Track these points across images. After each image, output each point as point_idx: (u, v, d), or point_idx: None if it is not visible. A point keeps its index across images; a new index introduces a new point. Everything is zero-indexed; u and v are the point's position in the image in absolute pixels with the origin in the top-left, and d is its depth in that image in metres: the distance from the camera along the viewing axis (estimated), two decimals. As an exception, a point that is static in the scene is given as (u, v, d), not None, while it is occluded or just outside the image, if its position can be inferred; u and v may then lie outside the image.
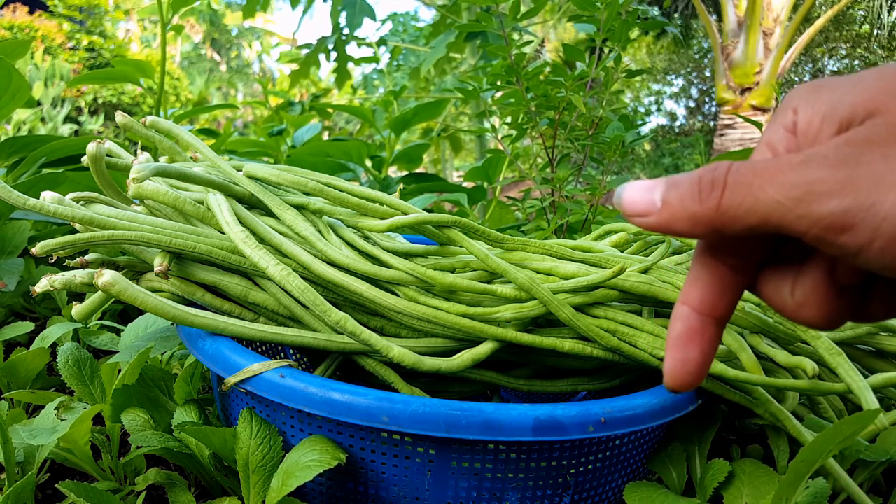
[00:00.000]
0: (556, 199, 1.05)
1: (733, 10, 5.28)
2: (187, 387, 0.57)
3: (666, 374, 0.29)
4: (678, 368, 0.28)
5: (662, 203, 0.25)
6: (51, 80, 5.20)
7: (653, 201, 0.26)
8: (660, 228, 0.26)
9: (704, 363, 0.29)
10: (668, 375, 0.29)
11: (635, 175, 7.27)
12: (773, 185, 0.23)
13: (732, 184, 0.24)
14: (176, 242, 0.52)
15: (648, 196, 0.26)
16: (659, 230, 0.26)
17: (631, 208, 0.26)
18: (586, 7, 0.96)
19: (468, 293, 0.54)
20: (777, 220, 0.23)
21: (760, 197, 0.23)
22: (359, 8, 2.38)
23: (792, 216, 0.22)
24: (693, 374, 0.28)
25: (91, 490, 0.45)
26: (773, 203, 0.23)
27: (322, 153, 1.46)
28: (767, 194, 0.23)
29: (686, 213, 0.25)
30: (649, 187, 0.26)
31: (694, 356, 0.28)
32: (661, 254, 0.55)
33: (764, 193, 0.23)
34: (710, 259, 0.28)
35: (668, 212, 0.25)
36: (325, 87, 5.56)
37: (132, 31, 10.95)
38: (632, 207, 0.26)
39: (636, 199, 0.26)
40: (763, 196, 0.23)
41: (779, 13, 5.22)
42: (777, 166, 0.23)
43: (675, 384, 0.29)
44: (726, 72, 5.36)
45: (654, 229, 0.26)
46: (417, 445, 0.45)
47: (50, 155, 1.09)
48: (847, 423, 0.38)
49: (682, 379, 0.28)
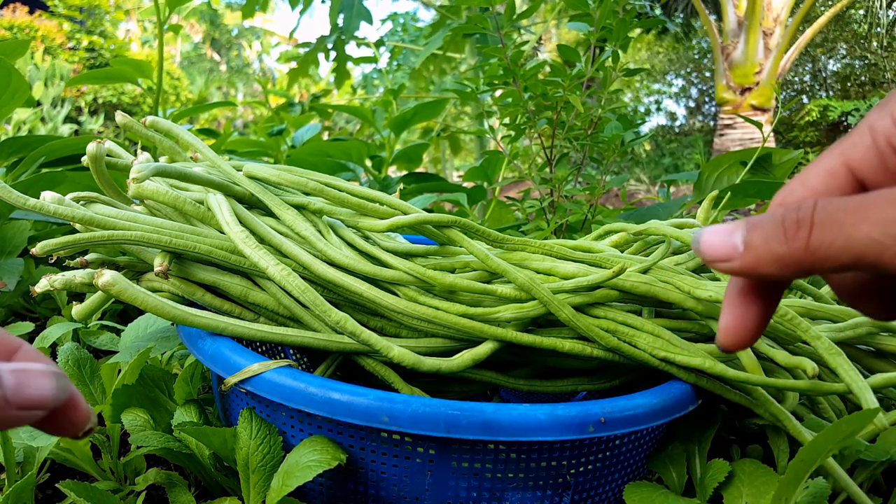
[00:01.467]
0: (555, 199, 1.05)
1: (733, 10, 5.28)
2: (187, 387, 0.57)
3: (721, 332, 0.28)
4: (736, 325, 0.27)
5: (745, 246, 0.24)
6: (51, 80, 5.20)
7: (734, 245, 0.25)
8: (745, 273, 0.25)
9: (764, 320, 0.27)
10: (724, 333, 0.27)
11: (635, 175, 7.26)
12: (868, 223, 0.21)
13: (821, 222, 0.22)
14: (176, 242, 0.52)
15: (728, 240, 0.25)
16: (744, 275, 0.25)
17: (711, 254, 0.25)
18: (578, 5, 0.96)
19: (468, 293, 0.54)
20: (873, 258, 0.22)
21: (854, 235, 0.22)
22: (356, 11, 2.38)
23: (889, 254, 0.21)
24: (751, 331, 0.27)
25: (91, 490, 0.45)
26: (868, 241, 0.21)
27: (322, 153, 1.46)
28: (862, 232, 0.22)
29: (772, 255, 0.24)
30: (728, 231, 0.25)
31: (753, 313, 0.27)
32: (661, 254, 0.55)
33: (858, 232, 0.22)
34: None
35: (752, 255, 0.24)
36: (324, 87, 5.57)
37: (132, 31, 10.94)
38: (712, 253, 0.25)
39: (716, 244, 0.25)
40: (857, 234, 0.22)
41: (779, 13, 5.21)
42: (872, 202, 0.22)
43: (729, 342, 0.27)
44: (726, 72, 5.35)
45: (739, 274, 0.25)
46: (417, 445, 0.45)
47: (49, 155, 1.09)
48: (846, 422, 0.38)
49: (738, 337, 0.27)
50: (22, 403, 0.21)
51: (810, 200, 0.23)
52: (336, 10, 2.43)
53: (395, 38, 3.94)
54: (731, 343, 0.27)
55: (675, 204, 1.09)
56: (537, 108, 1.02)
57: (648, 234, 0.60)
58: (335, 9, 2.44)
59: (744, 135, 5.36)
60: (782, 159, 1.11)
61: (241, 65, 14.42)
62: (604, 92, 0.99)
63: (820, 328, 0.55)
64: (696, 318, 0.55)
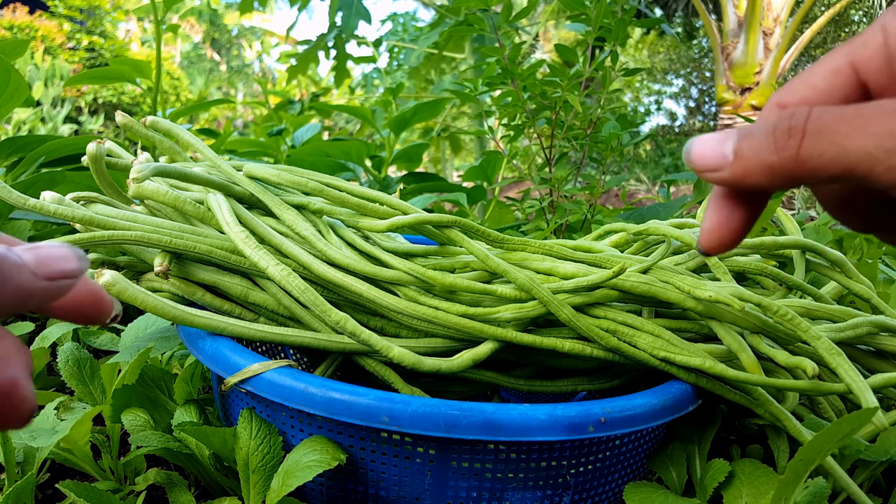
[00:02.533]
0: (554, 199, 1.05)
1: (733, 9, 5.28)
2: (187, 387, 0.57)
3: (702, 234, 0.27)
4: (719, 228, 0.26)
5: (735, 155, 0.24)
6: (51, 80, 5.20)
7: (724, 154, 0.24)
8: (734, 183, 0.24)
9: (747, 224, 0.26)
10: (705, 235, 0.27)
11: (635, 175, 7.26)
12: (861, 135, 0.21)
13: (813, 131, 0.22)
14: (176, 242, 0.52)
15: (719, 149, 0.24)
16: (733, 185, 0.24)
17: (701, 163, 0.25)
18: (574, 6, 0.96)
19: (468, 293, 0.54)
20: (864, 171, 0.21)
21: (846, 146, 0.21)
22: (355, 10, 2.38)
23: (881, 168, 0.20)
24: (734, 234, 0.26)
25: (91, 490, 0.45)
26: (860, 153, 0.21)
27: (322, 153, 1.46)
28: (854, 144, 0.21)
29: (762, 164, 0.23)
30: (720, 139, 0.24)
31: (737, 217, 0.26)
32: (661, 254, 0.55)
33: (850, 143, 0.21)
34: None
35: (741, 164, 0.23)
36: (324, 86, 5.57)
37: (132, 31, 10.94)
38: (702, 162, 0.24)
39: (706, 153, 0.24)
40: (849, 145, 0.21)
41: (779, 13, 5.21)
42: (869, 113, 0.21)
43: (710, 244, 0.27)
44: (726, 72, 5.35)
45: (728, 184, 0.24)
46: (417, 445, 0.45)
47: (49, 154, 1.09)
48: (845, 421, 0.38)
49: (719, 240, 0.26)
50: (48, 274, 0.21)
51: (804, 108, 0.22)
52: (335, 8, 2.43)
53: (394, 38, 3.94)
54: (712, 245, 0.27)
55: (675, 204, 1.09)
56: (536, 108, 1.02)
57: (648, 234, 0.60)
58: (334, 7, 2.44)
59: (744, 135, 5.35)
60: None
61: (241, 65, 14.41)
62: (603, 92, 0.99)
63: (820, 328, 0.55)
64: (696, 318, 0.55)
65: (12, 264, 0.20)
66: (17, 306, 0.20)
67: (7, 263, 0.20)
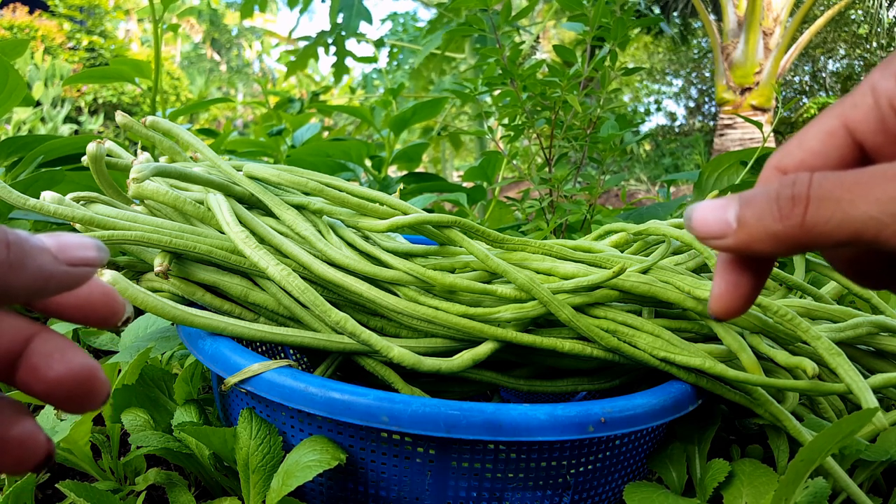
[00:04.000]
0: (554, 199, 1.05)
1: (733, 9, 5.28)
2: (187, 387, 0.57)
3: (713, 299, 0.27)
4: (728, 293, 0.26)
5: (739, 223, 0.23)
6: (51, 80, 5.20)
7: (727, 221, 0.24)
8: (739, 251, 0.24)
9: (756, 288, 0.26)
10: (715, 300, 0.27)
11: (635, 175, 7.26)
12: (866, 200, 0.21)
13: (817, 199, 0.22)
14: (176, 242, 0.52)
15: (722, 215, 0.24)
16: (738, 252, 0.24)
17: (704, 230, 0.24)
18: (572, 6, 0.96)
19: (468, 293, 0.54)
20: (871, 236, 0.21)
21: (851, 213, 0.21)
22: (356, 10, 2.38)
23: (889, 232, 0.20)
24: (743, 298, 0.26)
25: (91, 490, 0.45)
26: (866, 219, 0.21)
27: (322, 153, 1.46)
28: (860, 210, 0.21)
29: (767, 232, 0.23)
30: (721, 206, 0.24)
31: (745, 281, 0.26)
32: (661, 254, 0.55)
33: (855, 209, 0.21)
34: None
35: (745, 233, 0.23)
36: (324, 85, 5.57)
37: (132, 31, 10.94)
38: (705, 230, 0.24)
39: (709, 220, 0.24)
40: (854, 212, 0.21)
41: (779, 13, 5.21)
42: (871, 178, 0.21)
43: (721, 309, 0.26)
44: (726, 72, 5.35)
45: (733, 251, 0.24)
46: (417, 445, 0.45)
47: (48, 154, 1.09)
48: (846, 422, 0.38)
49: (729, 305, 0.26)
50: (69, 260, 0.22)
51: (805, 175, 0.22)
52: (336, 9, 2.43)
53: (394, 38, 3.94)
54: (722, 311, 0.27)
55: (675, 204, 1.09)
56: (536, 108, 1.02)
57: (648, 234, 0.60)
58: (335, 8, 2.44)
59: (744, 135, 5.36)
60: (782, 159, 1.11)
61: (241, 65, 14.41)
62: (602, 91, 0.99)
63: (820, 328, 0.55)
64: (696, 318, 0.55)
65: (35, 245, 0.20)
66: (36, 289, 0.21)
67: (29, 243, 0.20)
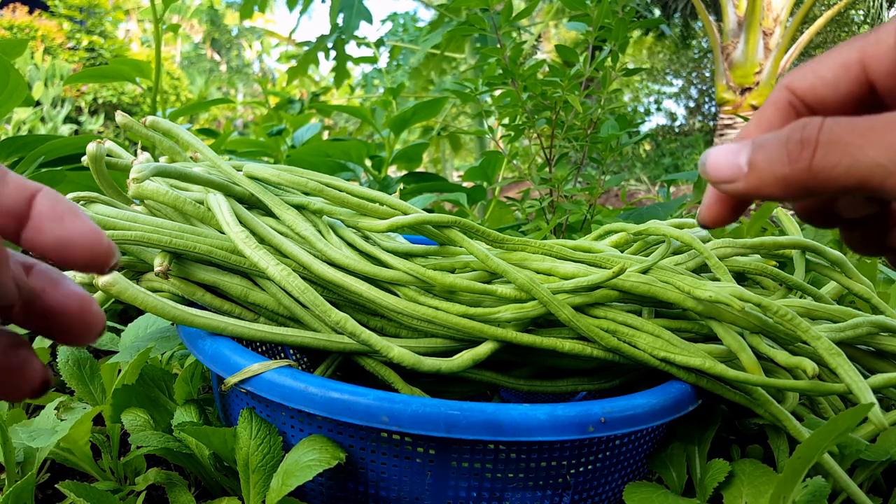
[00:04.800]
0: (554, 199, 1.05)
1: (733, 9, 5.28)
2: (187, 387, 0.57)
3: (703, 208, 0.28)
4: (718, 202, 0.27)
5: (749, 167, 0.24)
6: (51, 80, 5.20)
7: (739, 166, 0.24)
8: (749, 194, 0.24)
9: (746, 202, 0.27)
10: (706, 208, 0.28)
11: (635, 175, 7.25)
12: (875, 147, 0.21)
13: (826, 143, 0.22)
14: (176, 242, 0.52)
15: (734, 160, 0.24)
16: (749, 196, 0.25)
17: (716, 175, 0.25)
18: (576, 5, 0.96)
19: (468, 293, 0.54)
20: (877, 183, 0.21)
21: (859, 158, 0.21)
22: (356, 11, 2.38)
23: (894, 179, 0.20)
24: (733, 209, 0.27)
25: (91, 490, 0.45)
26: (873, 166, 0.21)
27: (322, 153, 1.45)
28: (868, 156, 0.21)
29: (775, 176, 0.23)
30: (734, 150, 0.25)
31: None
32: (661, 254, 0.55)
33: (864, 155, 0.21)
34: None
35: (755, 176, 0.24)
36: (324, 85, 5.57)
37: (132, 31, 10.94)
38: (717, 174, 0.25)
39: (721, 165, 0.25)
40: (863, 157, 0.21)
41: (779, 13, 5.21)
42: (883, 125, 0.21)
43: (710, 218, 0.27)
44: (726, 72, 5.35)
45: (744, 195, 0.25)
46: (417, 445, 0.45)
47: (48, 154, 1.09)
48: (842, 418, 0.38)
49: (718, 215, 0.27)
50: None
51: (817, 119, 0.23)
52: (336, 9, 2.43)
53: (395, 38, 3.94)
54: (711, 219, 0.28)
55: (675, 204, 1.09)
56: (536, 108, 1.02)
57: (648, 234, 0.60)
58: (335, 8, 2.44)
59: (744, 135, 5.35)
60: (782, 159, 1.11)
61: (241, 65, 14.41)
62: (603, 92, 0.99)
63: (820, 328, 0.55)
64: (696, 318, 0.55)
65: None
66: None
67: None
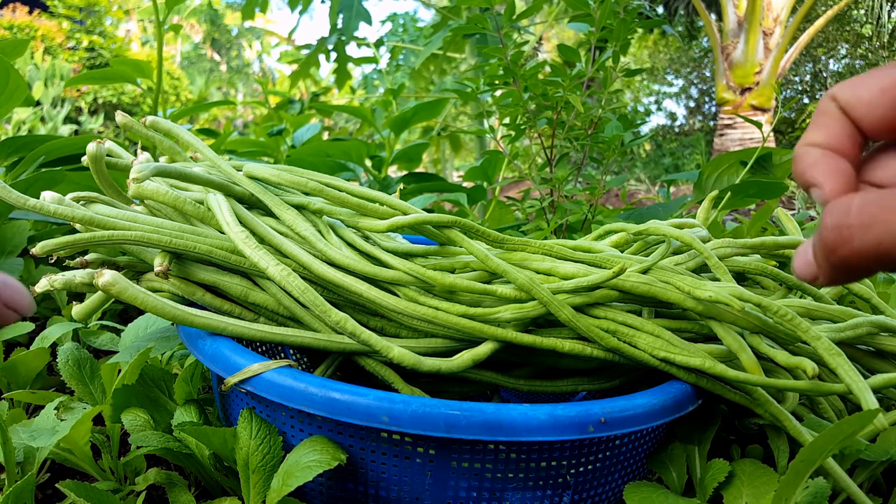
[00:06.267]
0: (555, 199, 1.05)
1: (733, 9, 5.28)
2: (187, 387, 0.57)
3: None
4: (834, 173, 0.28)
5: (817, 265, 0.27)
6: (51, 80, 5.20)
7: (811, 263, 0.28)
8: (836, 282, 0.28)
9: None
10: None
11: (635, 175, 7.25)
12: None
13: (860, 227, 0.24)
14: (176, 242, 0.52)
15: (806, 260, 0.28)
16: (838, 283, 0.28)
17: (803, 278, 0.29)
18: (579, 6, 0.96)
19: (468, 293, 0.54)
20: None
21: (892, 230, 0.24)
22: (355, 11, 2.38)
23: None
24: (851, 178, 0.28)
25: (91, 490, 0.45)
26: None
27: (322, 153, 1.46)
28: None
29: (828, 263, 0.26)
30: (804, 250, 0.28)
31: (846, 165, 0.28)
32: (661, 254, 0.55)
33: None
34: None
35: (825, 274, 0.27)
36: (324, 86, 5.57)
37: (132, 31, 10.94)
38: (803, 277, 0.29)
39: (802, 269, 0.28)
40: None
41: (779, 13, 5.21)
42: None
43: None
44: (726, 72, 5.35)
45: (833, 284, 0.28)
46: (417, 445, 0.45)
47: (49, 154, 1.09)
48: (847, 423, 0.38)
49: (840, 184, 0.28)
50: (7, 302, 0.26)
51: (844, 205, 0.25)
52: (336, 10, 2.43)
53: (394, 39, 3.94)
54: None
55: (675, 204, 1.09)
56: (537, 108, 1.02)
57: (648, 234, 0.60)
58: (335, 9, 2.43)
59: (744, 135, 5.36)
60: (782, 159, 1.11)
61: (241, 65, 14.42)
62: (604, 92, 0.99)
63: (820, 328, 0.55)
64: (696, 318, 0.55)
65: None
66: None
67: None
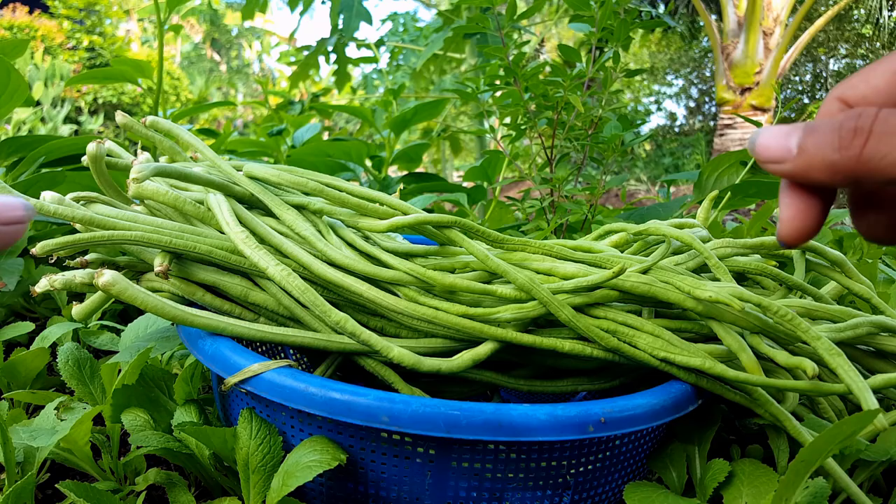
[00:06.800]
0: (555, 199, 1.05)
1: (733, 9, 5.28)
2: (187, 387, 0.57)
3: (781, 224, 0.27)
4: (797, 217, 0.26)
5: (799, 150, 0.24)
6: (51, 80, 5.20)
7: (788, 148, 0.25)
8: (795, 176, 0.25)
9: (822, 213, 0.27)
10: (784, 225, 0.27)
11: (635, 175, 7.25)
12: None
13: (879, 133, 0.22)
14: (176, 242, 0.52)
15: (784, 142, 0.25)
16: (794, 178, 0.25)
17: (765, 154, 0.25)
18: (580, 6, 0.96)
19: (468, 293, 0.54)
20: None
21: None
22: (356, 11, 2.38)
23: None
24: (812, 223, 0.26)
25: (91, 490, 0.45)
26: None
27: (322, 153, 1.46)
28: None
29: (824, 161, 0.23)
30: (785, 133, 0.25)
31: (811, 206, 0.26)
32: (661, 254, 0.55)
33: None
34: None
35: (804, 159, 0.24)
36: (325, 86, 5.57)
37: (132, 31, 10.94)
38: (765, 154, 0.25)
39: (770, 146, 0.25)
40: None
41: (779, 13, 5.21)
42: None
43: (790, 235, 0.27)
44: (726, 72, 5.35)
45: (789, 177, 0.25)
46: (417, 445, 0.45)
47: (49, 155, 1.09)
48: (847, 423, 0.38)
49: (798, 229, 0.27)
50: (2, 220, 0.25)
51: (872, 109, 0.23)
52: (336, 10, 2.43)
53: (395, 39, 3.94)
54: (792, 235, 0.27)
55: (675, 204, 1.09)
56: (538, 109, 1.02)
57: (648, 234, 0.60)
58: (335, 10, 2.44)
59: (744, 135, 5.36)
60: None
61: (241, 65, 14.42)
62: (604, 92, 0.99)
63: (820, 328, 0.55)
64: (696, 319, 0.55)
65: None
66: None
67: None
